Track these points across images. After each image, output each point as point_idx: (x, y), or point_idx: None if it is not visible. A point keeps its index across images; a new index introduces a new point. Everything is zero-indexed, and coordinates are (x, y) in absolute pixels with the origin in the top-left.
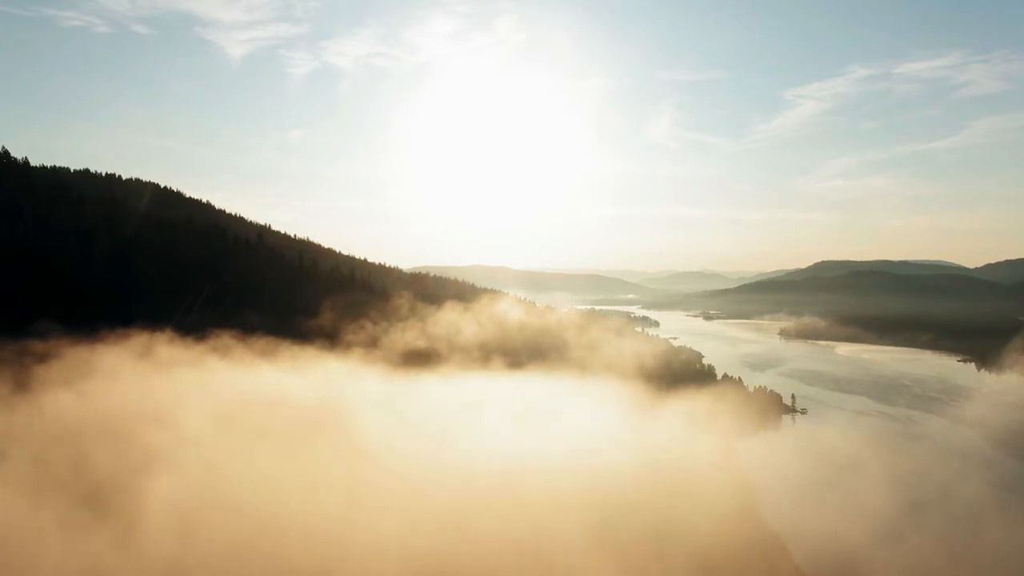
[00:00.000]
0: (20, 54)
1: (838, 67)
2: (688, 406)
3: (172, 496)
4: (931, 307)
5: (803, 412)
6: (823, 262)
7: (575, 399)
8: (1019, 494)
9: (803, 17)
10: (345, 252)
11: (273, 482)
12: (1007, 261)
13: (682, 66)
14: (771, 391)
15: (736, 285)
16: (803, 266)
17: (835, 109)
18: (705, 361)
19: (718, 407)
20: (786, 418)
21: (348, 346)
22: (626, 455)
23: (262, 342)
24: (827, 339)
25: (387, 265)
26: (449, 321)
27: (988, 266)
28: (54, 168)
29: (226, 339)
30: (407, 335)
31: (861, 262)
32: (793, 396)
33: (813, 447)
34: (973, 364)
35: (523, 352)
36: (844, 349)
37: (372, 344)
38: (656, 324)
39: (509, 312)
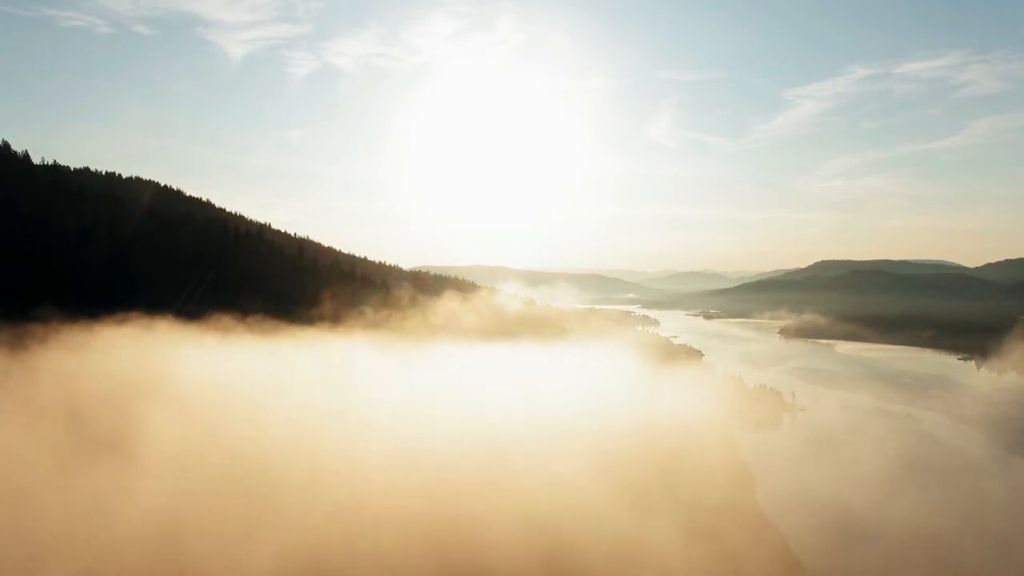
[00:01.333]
0: (21, 54)
1: (838, 67)
2: (686, 386)
3: (170, 443)
4: (931, 306)
5: (803, 409)
6: (823, 262)
7: (576, 369)
8: (1018, 489)
9: (803, 17)
10: (345, 251)
11: (273, 439)
12: (1007, 261)
13: (682, 66)
14: (771, 388)
15: (736, 285)
16: (803, 266)
17: (835, 109)
18: (705, 359)
19: (718, 401)
20: (786, 415)
21: (349, 329)
22: (626, 422)
23: (263, 325)
24: (827, 337)
25: (387, 264)
26: (449, 310)
27: (988, 266)
28: (55, 164)
29: (227, 321)
30: (408, 323)
31: (861, 262)
32: (793, 393)
33: (813, 442)
34: (973, 362)
35: (523, 338)
36: (844, 347)
37: (373, 328)
38: (656, 323)
39: (509, 304)
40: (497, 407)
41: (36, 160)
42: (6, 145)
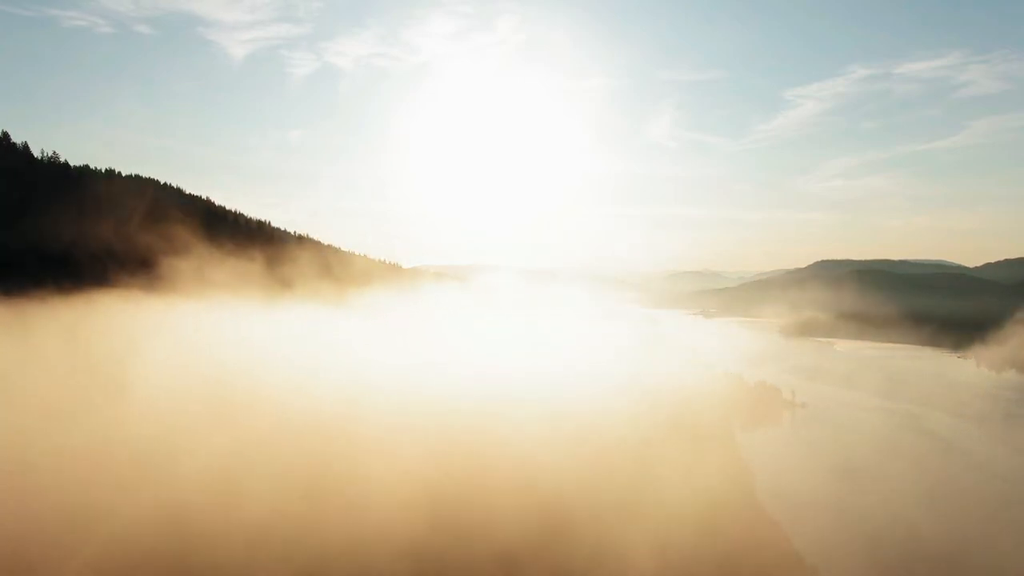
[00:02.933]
0: (23, 54)
1: (838, 67)
2: (685, 378)
3: (166, 386)
4: (931, 305)
5: (803, 405)
6: (823, 261)
7: (574, 351)
8: (1017, 485)
9: (803, 17)
10: (345, 248)
11: (270, 389)
12: (1006, 260)
13: (682, 66)
14: (771, 385)
15: (736, 284)
16: (803, 265)
17: (835, 109)
18: (705, 357)
19: (718, 396)
20: (786, 411)
21: (349, 307)
22: (625, 404)
23: (262, 302)
24: (827, 336)
25: (387, 262)
26: (448, 297)
27: (988, 265)
28: (54, 155)
29: (223, 295)
30: (408, 304)
31: (861, 261)
32: (793, 390)
33: (812, 439)
34: (973, 360)
35: (521, 324)
36: (844, 346)
37: (374, 307)
38: (656, 322)
39: (508, 292)
40: (494, 380)
41: (36, 153)
42: (5, 136)
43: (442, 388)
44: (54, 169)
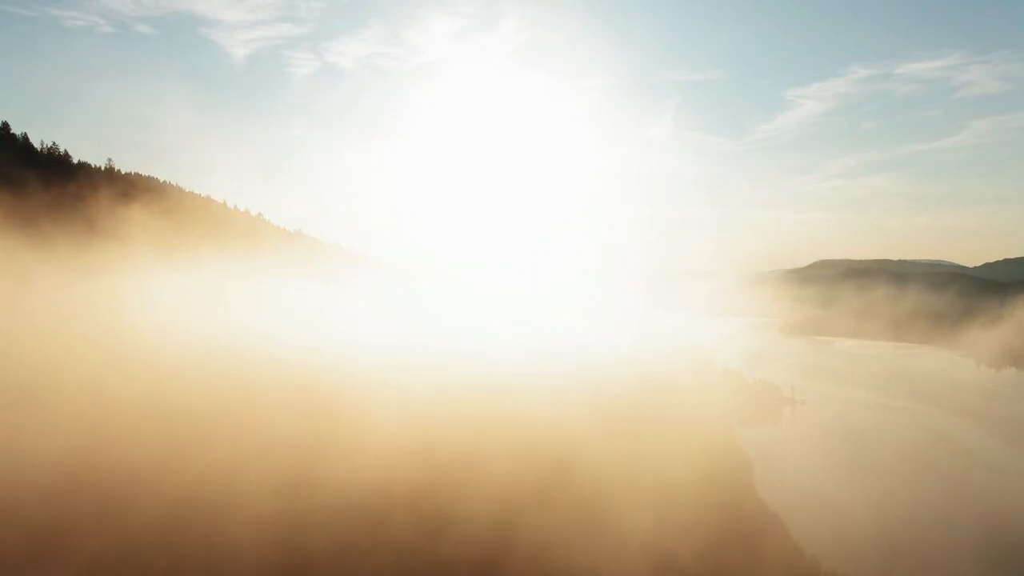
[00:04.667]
0: (24, 54)
1: (838, 67)
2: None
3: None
4: (930, 304)
5: (802, 402)
6: (823, 261)
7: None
8: (1016, 480)
9: (803, 17)
10: (345, 246)
11: (268, 356)
12: (1006, 260)
13: (683, 66)
14: (771, 383)
15: (735, 284)
16: (803, 265)
17: (835, 109)
18: (706, 354)
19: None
20: (785, 408)
21: (347, 301)
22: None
23: (259, 295)
24: (826, 335)
25: (388, 260)
26: (450, 293)
27: (987, 265)
28: (53, 146)
29: (224, 287)
30: (411, 300)
31: (860, 260)
32: (792, 388)
33: (811, 434)
34: (972, 359)
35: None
36: (843, 344)
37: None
38: (655, 321)
39: (508, 287)
40: (495, 368)
41: (36, 145)
42: (6, 126)
43: (443, 366)
44: (54, 160)
